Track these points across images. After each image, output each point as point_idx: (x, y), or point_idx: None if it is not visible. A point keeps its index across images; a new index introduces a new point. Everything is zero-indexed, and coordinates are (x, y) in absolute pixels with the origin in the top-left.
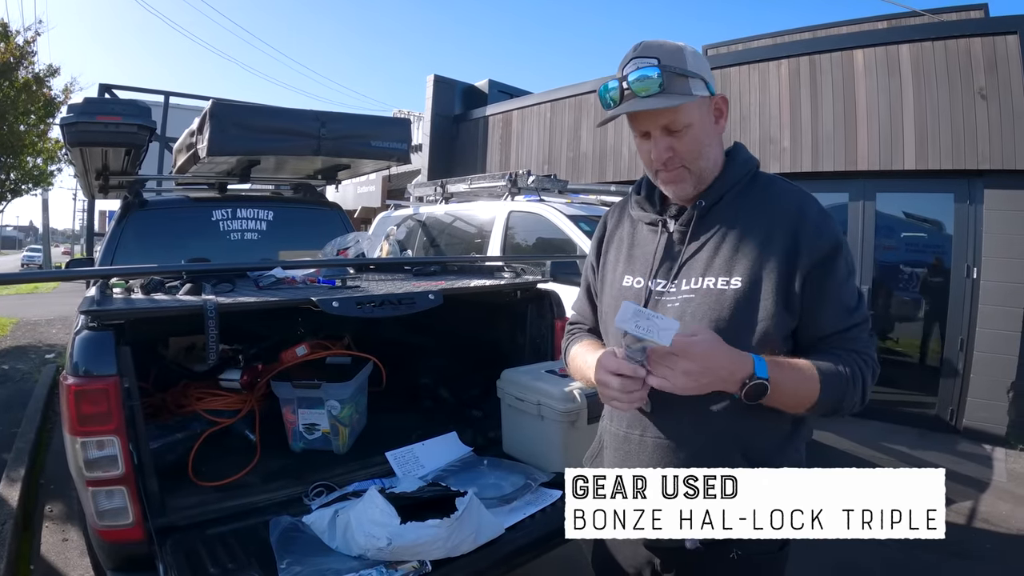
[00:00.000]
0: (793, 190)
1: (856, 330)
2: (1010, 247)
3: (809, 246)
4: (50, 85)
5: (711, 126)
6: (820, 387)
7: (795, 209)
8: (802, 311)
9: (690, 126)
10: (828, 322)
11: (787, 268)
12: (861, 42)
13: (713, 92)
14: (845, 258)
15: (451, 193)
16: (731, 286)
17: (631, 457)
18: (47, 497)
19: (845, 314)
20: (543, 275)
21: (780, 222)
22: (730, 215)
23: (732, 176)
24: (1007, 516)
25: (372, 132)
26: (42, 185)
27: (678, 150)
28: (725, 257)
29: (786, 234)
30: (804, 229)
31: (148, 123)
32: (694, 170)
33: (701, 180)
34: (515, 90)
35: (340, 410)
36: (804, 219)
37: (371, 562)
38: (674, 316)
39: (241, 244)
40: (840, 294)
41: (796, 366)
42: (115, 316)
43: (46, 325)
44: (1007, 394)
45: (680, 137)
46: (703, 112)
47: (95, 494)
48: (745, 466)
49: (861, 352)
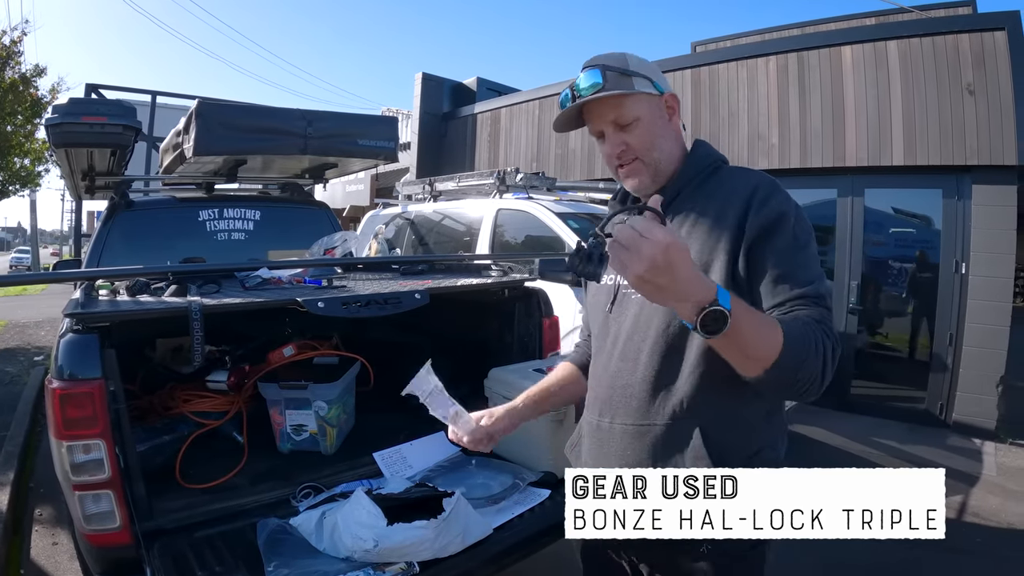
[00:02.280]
0: (750, 174)
1: (805, 301)
2: (998, 242)
3: (753, 220)
4: (37, 85)
5: (663, 122)
6: (783, 340)
7: (746, 187)
8: (750, 282)
9: (638, 120)
10: (771, 292)
11: (733, 244)
12: (849, 38)
13: (662, 91)
14: (794, 228)
15: (439, 191)
16: None
17: (604, 444)
18: (37, 501)
19: (794, 282)
20: (531, 273)
21: (731, 202)
22: (688, 206)
23: (690, 170)
24: (997, 510)
25: (359, 131)
26: (29, 186)
27: (630, 143)
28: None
29: (736, 213)
30: (751, 205)
31: (133, 123)
32: (648, 162)
33: (658, 172)
34: (503, 88)
35: (328, 411)
36: (753, 195)
37: (358, 564)
38: (635, 307)
39: (228, 244)
40: (787, 262)
41: (759, 312)
42: (100, 319)
43: (34, 327)
44: (996, 388)
45: (631, 131)
46: (651, 108)
47: (82, 498)
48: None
49: (820, 321)
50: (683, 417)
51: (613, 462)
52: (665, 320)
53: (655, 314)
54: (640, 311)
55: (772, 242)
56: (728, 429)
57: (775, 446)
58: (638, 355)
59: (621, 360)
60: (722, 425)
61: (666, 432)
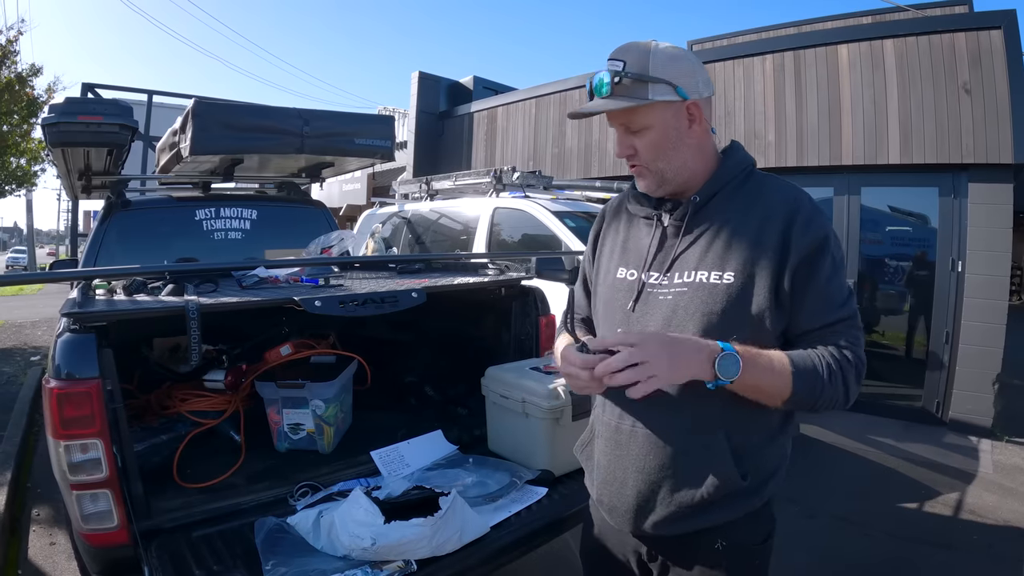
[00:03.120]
0: (787, 187)
1: (841, 325)
2: (994, 240)
3: (798, 241)
4: (33, 85)
5: (678, 132)
6: (792, 379)
7: (787, 204)
8: (792, 300)
9: (649, 128)
10: (812, 316)
11: (778, 263)
12: (846, 37)
13: (686, 97)
14: (832, 252)
15: (436, 190)
16: (724, 280)
17: (621, 447)
18: (34, 501)
19: (830, 308)
20: (528, 272)
21: (772, 217)
22: (724, 211)
23: (726, 173)
24: (994, 507)
25: (356, 130)
26: (26, 186)
27: (638, 149)
28: (718, 252)
29: (778, 229)
30: (795, 224)
31: (130, 122)
32: (653, 170)
33: (664, 181)
34: (500, 86)
35: (325, 409)
36: (796, 214)
37: (356, 562)
38: (667, 309)
39: (225, 243)
40: (826, 288)
41: (766, 353)
42: (97, 318)
43: (31, 327)
44: (992, 386)
45: (640, 137)
46: (667, 116)
47: (79, 497)
48: (732, 460)
49: (844, 348)
50: (710, 429)
51: (630, 468)
52: (701, 328)
53: (690, 321)
54: (673, 314)
55: (816, 266)
56: (753, 434)
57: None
58: None
59: None
60: (749, 431)
61: (692, 443)
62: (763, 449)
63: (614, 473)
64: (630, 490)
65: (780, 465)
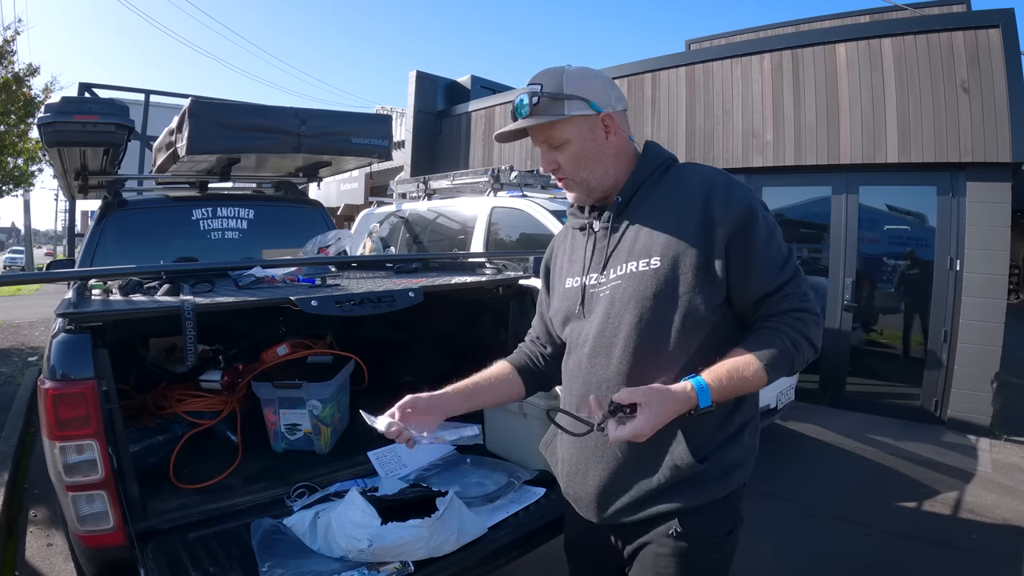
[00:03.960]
0: (703, 169)
1: (788, 286)
2: (992, 239)
3: (721, 215)
4: (30, 84)
5: (596, 143)
6: (767, 374)
7: (703, 183)
8: (730, 279)
9: (568, 142)
10: (758, 284)
11: (704, 240)
12: (844, 36)
13: (599, 110)
14: (763, 219)
15: (434, 189)
16: (651, 266)
17: (579, 444)
18: (32, 501)
19: (773, 272)
20: (525, 271)
21: (691, 198)
22: (646, 204)
23: (643, 170)
24: (992, 506)
25: (353, 129)
26: (23, 186)
27: (561, 163)
28: (644, 241)
29: (697, 208)
30: (713, 199)
31: (126, 122)
32: (578, 181)
33: (590, 189)
34: (498, 86)
35: (322, 410)
36: (712, 190)
37: (353, 564)
38: (605, 304)
39: (222, 243)
40: (764, 254)
41: (739, 372)
42: (92, 318)
43: (29, 327)
44: (991, 385)
45: (562, 152)
46: (583, 130)
47: (75, 499)
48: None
49: (797, 310)
50: None
51: (590, 458)
52: (637, 314)
53: (626, 310)
54: (611, 307)
55: (750, 236)
56: (709, 430)
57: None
58: (611, 350)
59: (593, 355)
60: (702, 422)
61: None
62: (719, 434)
63: (576, 465)
64: (592, 479)
65: (745, 458)
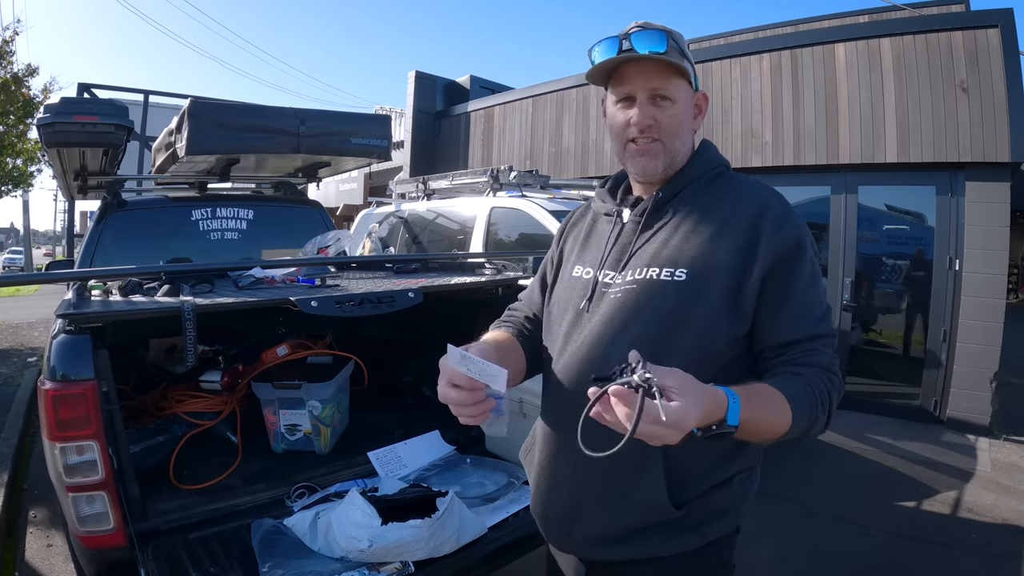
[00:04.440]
0: (757, 186)
1: (820, 342)
2: (991, 239)
3: (770, 239)
4: (29, 85)
5: (690, 117)
6: (792, 419)
7: (756, 203)
8: (759, 314)
9: (676, 103)
10: (789, 327)
11: (741, 264)
12: (843, 36)
13: (697, 87)
14: (811, 260)
15: (433, 189)
16: (675, 278)
17: (555, 455)
18: (31, 502)
19: (809, 321)
20: (525, 271)
21: (738, 215)
22: (687, 207)
23: (694, 170)
24: (991, 505)
25: (352, 129)
26: (22, 186)
27: (659, 121)
28: (674, 248)
29: (743, 228)
30: (765, 220)
31: (125, 122)
32: (669, 148)
33: (671, 163)
34: (497, 86)
35: (322, 410)
36: (767, 210)
37: (353, 564)
38: (611, 307)
39: (221, 244)
40: (804, 298)
41: (770, 406)
42: (92, 319)
43: (28, 328)
44: (990, 384)
45: (664, 109)
46: (687, 98)
47: (75, 500)
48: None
49: (826, 368)
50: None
51: (564, 474)
52: (643, 328)
53: (633, 320)
54: (617, 312)
55: (793, 272)
56: (699, 451)
57: (750, 477)
58: (606, 360)
59: (587, 362)
60: (690, 461)
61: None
62: (707, 479)
63: (548, 479)
64: (561, 498)
65: (733, 506)
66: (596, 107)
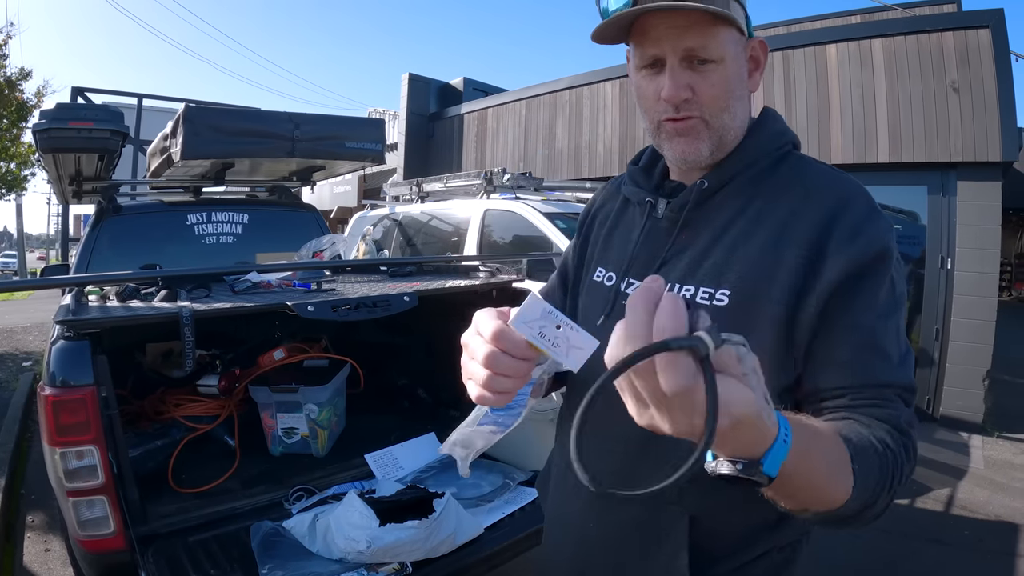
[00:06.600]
0: (836, 176)
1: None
2: (983, 238)
3: (843, 246)
4: (22, 89)
5: (742, 78)
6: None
7: (834, 195)
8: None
9: (721, 61)
10: (853, 368)
11: (800, 285)
12: (834, 37)
13: (752, 34)
14: (894, 279)
15: (427, 192)
16: (714, 302)
17: (565, 501)
18: (28, 507)
19: (884, 363)
20: (519, 273)
21: (805, 216)
22: (739, 203)
23: (753, 151)
24: (984, 503)
25: (346, 133)
26: (15, 190)
27: (699, 91)
28: (718, 259)
29: (808, 235)
30: (839, 222)
31: (121, 128)
32: (715, 125)
33: (721, 144)
34: (490, 88)
35: (318, 413)
36: (844, 209)
37: (352, 565)
38: None
39: (217, 248)
40: (879, 329)
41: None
42: (91, 325)
43: (22, 332)
44: (983, 382)
45: (705, 75)
46: (737, 53)
47: (76, 504)
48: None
49: (902, 430)
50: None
51: (572, 532)
52: None
53: None
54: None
55: (864, 294)
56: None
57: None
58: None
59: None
60: (722, 511)
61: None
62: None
63: (555, 527)
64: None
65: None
66: (589, 108)
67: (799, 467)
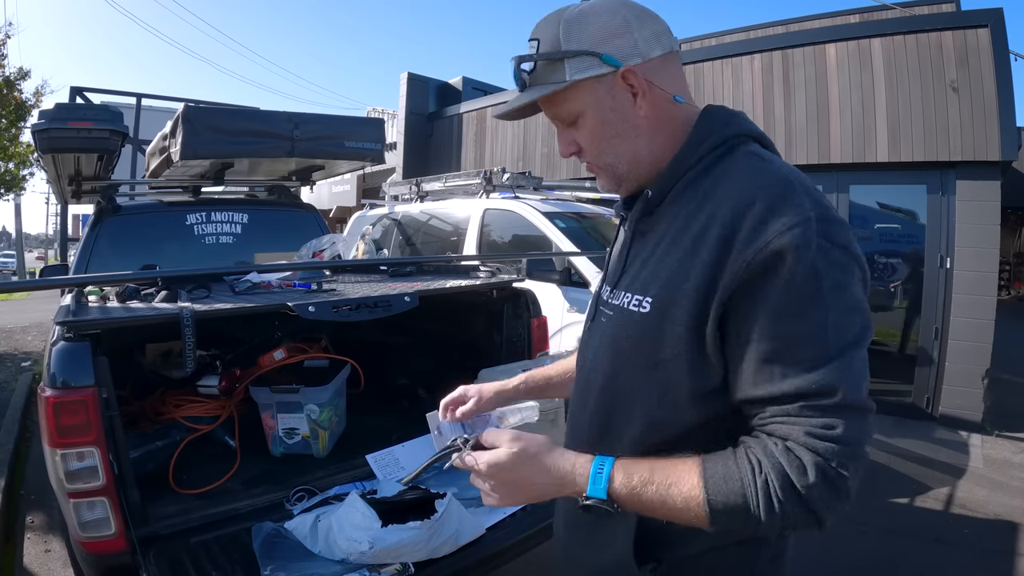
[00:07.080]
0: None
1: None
2: (982, 237)
3: (740, 249)
4: (21, 88)
5: (618, 113)
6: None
7: (737, 200)
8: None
9: (582, 115)
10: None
11: (706, 289)
12: (833, 36)
13: (617, 64)
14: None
15: (426, 191)
16: (641, 309)
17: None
18: (28, 508)
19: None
20: (519, 273)
21: (718, 219)
22: (675, 210)
23: (687, 153)
24: (984, 501)
25: (345, 132)
26: (14, 190)
27: (581, 143)
28: (651, 268)
29: (718, 235)
30: (744, 220)
31: (120, 128)
32: (601, 165)
33: (619, 177)
34: (489, 87)
35: (319, 414)
36: (751, 205)
37: (354, 566)
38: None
39: (216, 248)
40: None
41: (674, 477)
42: (91, 326)
43: (21, 332)
44: (982, 381)
45: (580, 129)
46: (598, 96)
47: (77, 505)
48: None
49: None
50: None
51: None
52: (609, 369)
53: (604, 357)
54: (600, 343)
55: (761, 295)
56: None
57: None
58: (587, 396)
59: (578, 392)
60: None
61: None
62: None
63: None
64: (559, 540)
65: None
66: None
67: (634, 490)
